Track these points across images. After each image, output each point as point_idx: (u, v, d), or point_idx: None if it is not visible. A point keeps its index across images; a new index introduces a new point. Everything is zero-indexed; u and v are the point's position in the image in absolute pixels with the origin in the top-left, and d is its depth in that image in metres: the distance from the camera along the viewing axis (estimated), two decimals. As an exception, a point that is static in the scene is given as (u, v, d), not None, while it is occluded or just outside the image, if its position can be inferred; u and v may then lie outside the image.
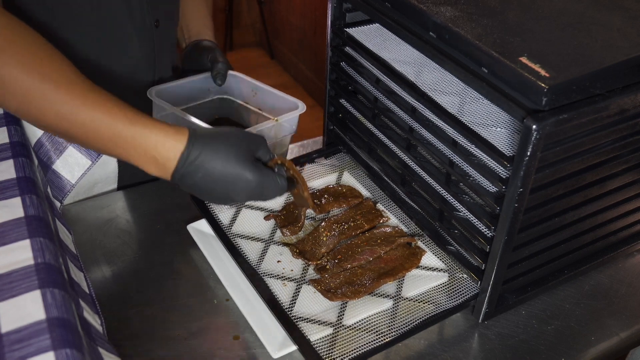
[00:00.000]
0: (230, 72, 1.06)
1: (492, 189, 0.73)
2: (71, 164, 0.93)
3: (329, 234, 0.88)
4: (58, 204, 0.94)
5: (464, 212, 0.79)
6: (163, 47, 1.03)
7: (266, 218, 0.92)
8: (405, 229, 0.90)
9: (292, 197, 0.93)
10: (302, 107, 0.99)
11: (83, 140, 0.70)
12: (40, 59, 0.68)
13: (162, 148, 0.69)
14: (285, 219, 0.91)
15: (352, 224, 0.90)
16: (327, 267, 0.84)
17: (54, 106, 0.67)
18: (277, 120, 0.96)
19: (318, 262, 0.84)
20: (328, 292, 0.79)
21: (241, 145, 0.72)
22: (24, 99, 0.67)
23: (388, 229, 0.89)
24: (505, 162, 0.68)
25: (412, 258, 0.85)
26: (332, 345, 0.74)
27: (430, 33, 0.76)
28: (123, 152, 0.70)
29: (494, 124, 0.76)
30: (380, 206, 0.94)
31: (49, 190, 0.91)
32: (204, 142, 0.71)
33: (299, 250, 0.86)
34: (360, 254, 0.85)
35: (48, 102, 0.67)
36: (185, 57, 1.11)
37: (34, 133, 0.91)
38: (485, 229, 0.76)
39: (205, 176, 0.70)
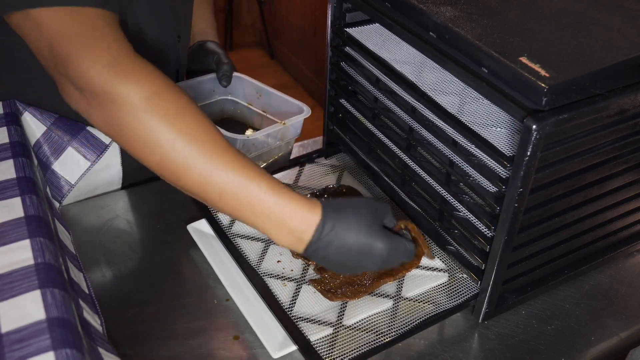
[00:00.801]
0: (235, 73, 1.07)
1: (492, 189, 0.73)
2: (70, 165, 0.93)
3: None
4: (57, 204, 0.94)
5: (464, 212, 0.79)
6: (184, 59, 1.05)
7: None
8: (405, 229, 0.90)
9: None
10: (307, 110, 1.00)
11: (217, 202, 0.68)
12: (187, 116, 0.67)
13: (298, 220, 0.68)
14: None
15: (352, 224, 0.90)
16: None
17: (198, 165, 0.66)
18: (284, 123, 0.97)
19: None
20: (328, 292, 0.79)
21: (371, 215, 0.72)
22: (168, 155, 0.65)
23: None
24: (505, 162, 0.68)
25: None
26: (332, 345, 0.74)
27: (430, 33, 0.76)
28: (258, 219, 0.69)
29: (494, 124, 0.76)
30: (380, 206, 0.94)
31: (47, 190, 0.90)
32: (337, 214, 0.70)
33: None
34: None
35: (192, 160, 0.66)
36: (190, 58, 1.12)
37: (34, 133, 0.91)
38: (485, 229, 0.76)
39: (339, 248, 0.70)
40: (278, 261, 0.85)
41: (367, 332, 0.76)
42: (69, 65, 0.65)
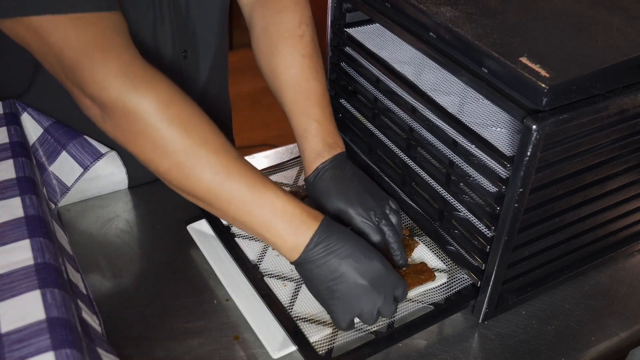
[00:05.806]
0: None
1: (492, 189, 0.73)
2: (66, 169, 0.92)
3: None
4: (52, 206, 0.93)
5: (464, 212, 0.79)
6: (197, 81, 0.97)
7: None
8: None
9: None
10: None
11: (226, 207, 0.69)
12: (199, 123, 0.67)
13: (301, 221, 0.71)
14: None
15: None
16: None
17: (210, 171, 0.66)
18: None
19: None
20: None
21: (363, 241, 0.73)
22: (180, 160, 0.66)
23: None
24: (505, 162, 0.68)
25: (405, 249, 0.85)
26: (332, 345, 0.74)
27: (430, 33, 0.76)
28: (265, 224, 0.70)
29: (494, 124, 0.76)
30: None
31: (45, 191, 0.90)
32: (335, 226, 0.72)
33: None
34: None
35: (204, 166, 0.66)
36: (315, 198, 0.84)
37: (31, 135, 0.91)
38: (485, 229, 0.76)
39: (334, 258, 0.70)
40: (277, 255, 0.85)
41: (366, 332, 0.76)
42: (80, 74, 0.63)
